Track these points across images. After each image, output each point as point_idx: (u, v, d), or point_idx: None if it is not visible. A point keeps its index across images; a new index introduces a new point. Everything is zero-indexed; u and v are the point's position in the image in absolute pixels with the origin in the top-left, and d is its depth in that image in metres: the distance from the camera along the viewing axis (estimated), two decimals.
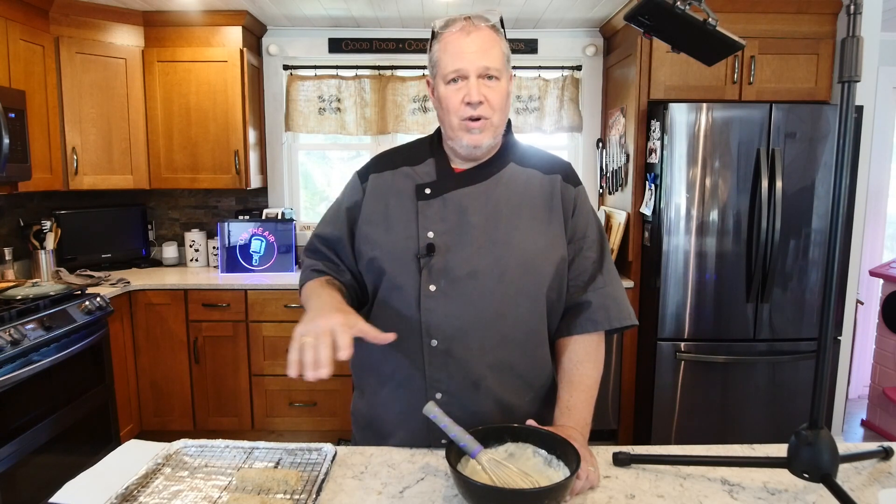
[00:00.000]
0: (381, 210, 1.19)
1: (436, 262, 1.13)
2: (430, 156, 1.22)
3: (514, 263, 1.14)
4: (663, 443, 2.89)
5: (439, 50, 1.14)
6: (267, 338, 3.09)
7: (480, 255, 1.13)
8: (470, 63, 1.10)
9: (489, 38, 1.12)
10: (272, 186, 3.69)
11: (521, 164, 1.22)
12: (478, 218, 1.15)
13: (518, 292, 1.14)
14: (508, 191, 1.18)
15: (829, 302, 0.93)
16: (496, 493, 0.88)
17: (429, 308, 1.12)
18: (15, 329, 2.16)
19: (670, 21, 1.02)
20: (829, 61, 2.91)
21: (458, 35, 1.11)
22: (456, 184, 1.17)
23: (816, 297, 2.79)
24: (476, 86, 1.11)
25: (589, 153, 3.66)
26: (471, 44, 1.11)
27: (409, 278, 1.13)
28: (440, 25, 1.15)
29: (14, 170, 2.53)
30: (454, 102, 1.13)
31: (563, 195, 1.21)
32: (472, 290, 1.13)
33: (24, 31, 2.71)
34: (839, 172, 0.91)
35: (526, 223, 1.17)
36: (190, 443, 1.12)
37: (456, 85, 1.12)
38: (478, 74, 1.11)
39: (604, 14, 3.27)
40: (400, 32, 3.55)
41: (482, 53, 1.11)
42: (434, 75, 1.16)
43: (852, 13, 0.89)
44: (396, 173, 1.22)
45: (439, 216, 1.15)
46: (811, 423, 0.97)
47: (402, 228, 1.16)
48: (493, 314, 1.13)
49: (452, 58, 1.11)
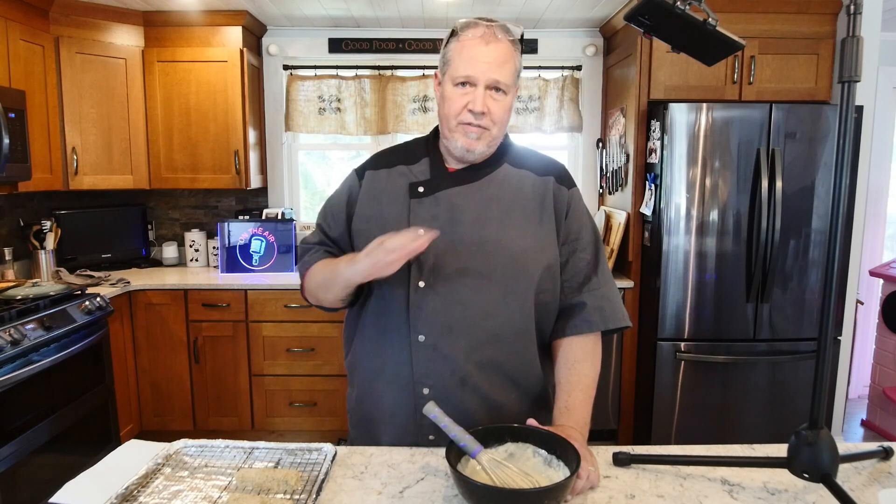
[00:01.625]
0: (375, 207, 1.21)
1: (426, 260, 1.13)
2: (426, 154, 1.23)
3: (503, 263, 1.15)
4: (663, 443, 2.89)
5: (455, 50, 1.13)
6: (267, 338, 3.09)
7: (470, 253, 1.14)
8: (482, 73, 1.10)
9: (506, 53, 1.12)
10: (272, 186, 3.69)
11: (515, 166, 1.23)
12: (468, 217, 1.16)
13: (506, 291, 1.15)
14: (501, 191, 1.19)
15: (829, 302, 0.93)
16: (496, 493, 0.88)
17: (417, 304, 1.14)
18: (15, 329, 2.16)
19: (670, 21, 1.03)
20: (829, 61, 2.91)
21: (478, 42, 1.11)
22: (449, 183, 1.18)
23: (816, 297, 2.79)
24: (482, 96, 1.11)
25: (589, 153, 3.66)
26: (488, 54, 1.10)
27: (399, 274, 1.12)
28: (462, 25, 1.14)
29: (14, 170, 2.53)
30: (457, 106, 1.13)
31: (556, 197, 1.21)
32: (460, 287, 1.13)
33: (24, 31, 2.71)
34: (839, 172, 0.91)
35: (517, 223, 1.17)
36: (190, 443, 1.12)
37: (463, 89, 1.13)
38: (487, 85, 1.11)
39: (604, 14, 3.27)
40: (400, 32, 3.55)
41: (496, 66, 1.11)
42: (444, 72, 1.17)
43: (852, 13, 0.89)
44: (392, 172, 1.23)
45: (430, 214, 1.16)
46: (811, 423, 0.97)
47: (393, 225, 1.16)
48: (481, 312, 1.14)
49: (466, 63, 1.11)
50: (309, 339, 3.09)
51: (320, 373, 3.12)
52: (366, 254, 1.03)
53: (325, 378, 3.13)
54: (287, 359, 3.11)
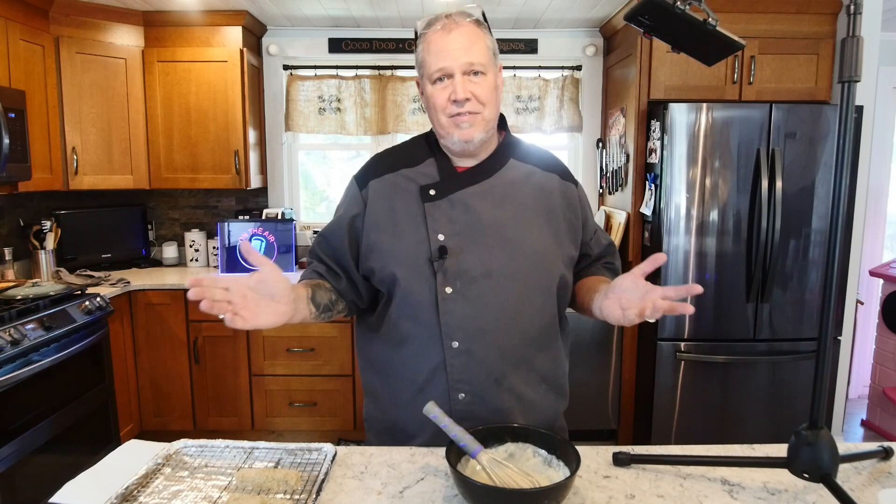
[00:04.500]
0: (388, 215, 1.17)
1: (450, 265, 1.13)
2: (430, 155, 1.22)
3: (527, 261, 1.16)
4: (663, 443, 2.89)
5: (423, 50, 1.14)
6: (267, 338, 3.09)
7: (493, 254, 1.14)
8: (454, 60, 1.10)
9: (472, 34, 1.12)
10: (272, 186, 3.69)
11: (521, 161, 1.23)
12: (487, 217, 1.15)
13: (532, 289, 1.16)
14: (513, 189, 1.19)
15: (829, 302, 0.93)
16: (496, 493, 0.88)
17: (447, 311, 1.13)
18: (15, 329, 2.16)
19: (670, 21, 1.03)
20: (829, 61, 2.91)
21: (441, 34, 1.11)
22: (460, 183, 1.17)
23: (816, 297, 2.79)
24: (461, 83, 1.11)
25: (589, 153, 3.66)
26: (453, 41, 1.10)
27: (423, 283, 1.13)
28: (422, 26, 1.15)
29: (14, 170, 2.53)
30: (441, 101, 1.13)
31: (566, 194, 1.24)
32: (488, 289, 1.13)
33: (24, 31, 2.71)
34: (839, 172, 0.91)
35: (533, 222, 1.18)
36: (190, 443, 1.12)
37: (442, 84, 1.12)
38: (462, 71, 1.11)
39: (604, 14, 3.27)
40: (400, 32, 3.55)
41: (465, 50, 1.10)
42: (421, 76, 1.16)
43: (852, 13, 0.89)
44: (397, 175, 1.20)
45: (447, 217, 1.15)
46: (811, 423, 0.97)
47: (411, 233, 1.15)
48: (511, 312, 1.15)
49: (436, 57, 1.11)
50: (309, 339, 3.09)
51: (320, 373, 3.12)
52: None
53: (325, 378, 3.13)
54: (287, 359, 3.11)
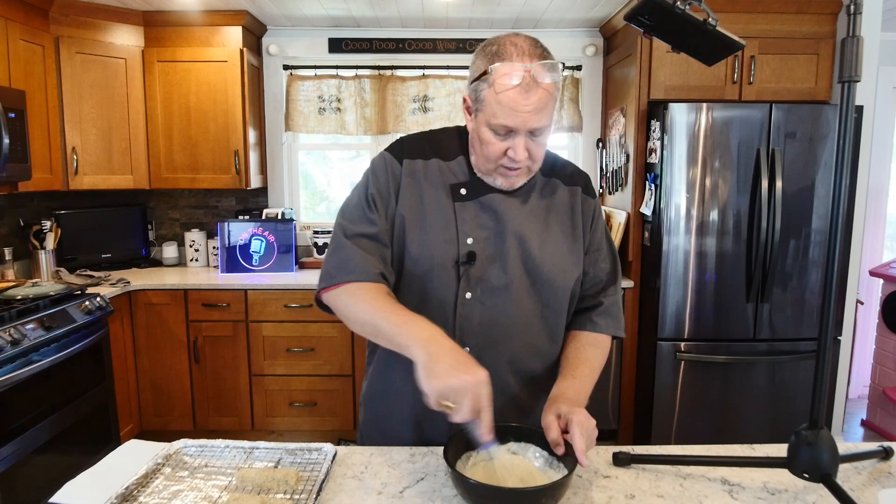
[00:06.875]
0: (417, 204, 1.15)
1: (474, 271, 1.12)
2: (461, 153, 1.19)
3: (544, 279, 1.16)
4: (663, 443, 2.89)
5: (491, 94, 1.03)
6: (267, 338, 3.09)
7: (514, 266, 1.14)
8: (523, 123, 1.03)
9: (547, 98, 1.03)
10: (272, 186, 3.69)
11: (545, 174, 1.22)
12: (512, 228, 1.15)
13: (544, 305, 1.17)
14: (539, 203, 1.19)
15: (829, 302, 0.93)
16: (495, 492, 0.88)
17: (465, 315, 1.13)
18: (15, 329, 2.16)
19: (670, 21, 1.02)
20: (829, 61, 2.91)
21: (517, 91, 1.01)
22: (490, 188, 1.16)
23: (816, 297, 2.79)
24: (523, 145, 1.06)
25: (589, 153, 3.66)
26: (528, 105, 1.02)
27: (446, 284, 1.12)
28: (496, 69, 1.02)
29: (14, 170, 2.53)
30: (496, 151, 1.08)
31: (583, 208, 1.23)
32: (505, 300, 1.14)
33: (24, 31, 2.71)
34: (839, 172, 0.91)
35: (555, 239, 1.18)
36: (190, 443, 1.12)
37: (501, 135, 1.06)
38: (527, 131, 1.06)
39: (604, 14, 3.27)
40: (400, 32, 3.55)
41: (537, 114, 1.03)
42: (477, 108, 1.08)
43: (852, 13, 0.89)
44: (429, 164, 1.17)
45: (477, 222, 1.14)
46: (811, 423, 0.97)
47: (440, 230, 1.13)
48: (522, 325, 1.15)
49: (505, 113, 1.03)
50: (309, 339, 3.09)
51: (320, 373, 3.12)
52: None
53: (325, 378, 3.13)
54: (287, 359, 3.11)
